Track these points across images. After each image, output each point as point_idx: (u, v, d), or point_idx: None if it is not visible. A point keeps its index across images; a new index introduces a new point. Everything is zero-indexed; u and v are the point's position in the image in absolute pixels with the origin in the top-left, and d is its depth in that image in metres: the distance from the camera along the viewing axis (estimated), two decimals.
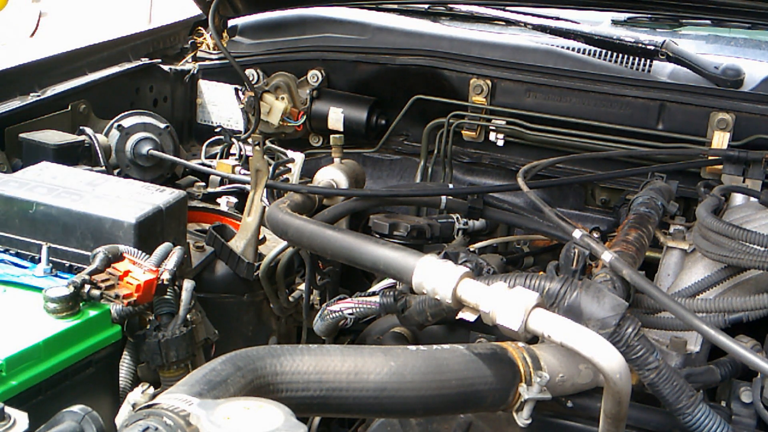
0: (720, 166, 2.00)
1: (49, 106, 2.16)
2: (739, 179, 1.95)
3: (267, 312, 1.97)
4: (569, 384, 1.34)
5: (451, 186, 2.28)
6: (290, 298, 2.00)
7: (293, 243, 1.73)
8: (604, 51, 2.36)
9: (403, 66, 2.43)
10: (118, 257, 1.47)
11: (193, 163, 2.33)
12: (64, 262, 1.53)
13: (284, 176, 2.11)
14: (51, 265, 1.46)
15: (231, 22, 2.63)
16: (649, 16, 2.72)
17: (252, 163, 1.89)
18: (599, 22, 2.62)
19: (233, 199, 2.24)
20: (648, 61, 2.32)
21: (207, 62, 2.68)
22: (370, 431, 1.51)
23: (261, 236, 1.93)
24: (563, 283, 1.29)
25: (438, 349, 1.23)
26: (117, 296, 1.39)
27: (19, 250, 1.56)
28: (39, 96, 2.14)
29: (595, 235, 2.08)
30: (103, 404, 1.40)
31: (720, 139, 2.10)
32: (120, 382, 1.47)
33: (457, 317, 1.28)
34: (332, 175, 2.07)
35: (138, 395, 0.97)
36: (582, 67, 2.30)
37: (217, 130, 2.57)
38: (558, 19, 2.52)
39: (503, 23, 2.61)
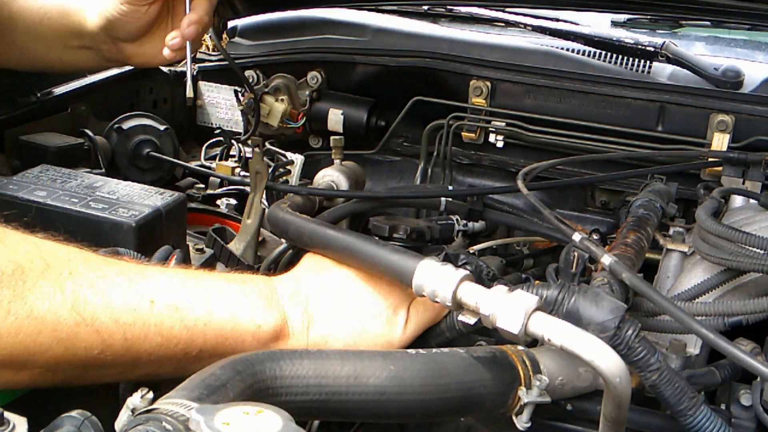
0: (720, 168, 2.00)
1: (48, 108, 2.15)
2: (738, 181, 1.94)
3: None
4: (569, 387, 1.34)
5: (450, 188, 2.28)
6: None
7: (293, 242, 1.73)
8: (603, 52, 2.36)
9: (403, 67, 2.42)
10: None
11: (193, 165, 2.33)
12: None
13: (284, 178, 2.11)
14: None
15: (230, 24, 2.63)
16: (649, 17, 2.72)
17: (251, 165, 1.89)
18: (599, 23, 2.62)
19: (233, 201, 2.24)
20: (648, 62, 2.32)
21: (206, 64, 2.68)
22: None
23: (261, 238, 1.92)
24: (560, 290, 1.29)
25: (437, 352, 1.23)
26: None
27: None
28: (39, 98, 2.14)
29: (595, 236, 2.08)
30: (102, 409, 1.40)
31: (720, 141, 2.09)
32: (119, 386, 1.47)
33: (457, 319, 1.27)
34: (332, 176, 2.07)
35: (137, 400, 0.97)
36: (581, 69, 2.30)
37: (217, 131, 2.57)
38: (557, 20, 2.52)
39: (503, 25, 2.61)
